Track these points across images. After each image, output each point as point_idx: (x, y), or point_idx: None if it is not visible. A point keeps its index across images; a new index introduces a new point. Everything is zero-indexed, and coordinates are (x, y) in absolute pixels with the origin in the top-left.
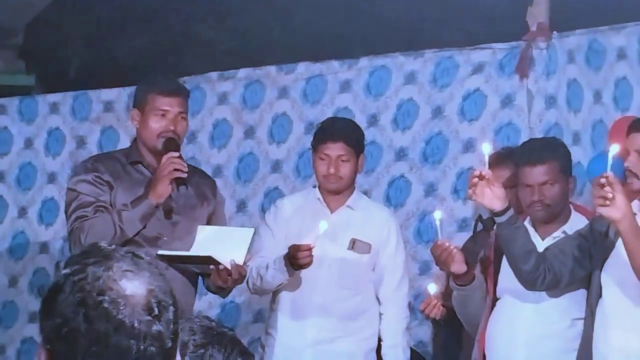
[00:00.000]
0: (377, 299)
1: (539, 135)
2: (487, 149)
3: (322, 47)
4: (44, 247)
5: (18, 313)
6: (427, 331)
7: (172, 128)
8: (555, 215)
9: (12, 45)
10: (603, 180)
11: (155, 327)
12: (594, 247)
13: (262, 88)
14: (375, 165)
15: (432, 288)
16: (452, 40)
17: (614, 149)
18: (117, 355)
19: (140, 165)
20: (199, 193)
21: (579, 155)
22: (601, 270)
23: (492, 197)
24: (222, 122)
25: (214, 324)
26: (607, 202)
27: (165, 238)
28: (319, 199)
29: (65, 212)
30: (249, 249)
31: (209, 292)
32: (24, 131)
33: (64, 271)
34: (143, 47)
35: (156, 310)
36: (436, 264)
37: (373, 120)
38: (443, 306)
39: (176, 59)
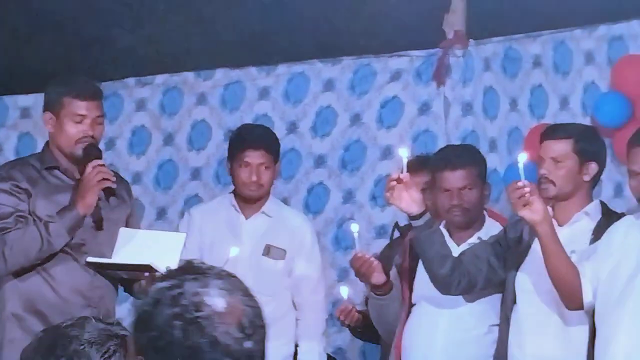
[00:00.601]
0: (294, 304)
1: (456, 142)
2: (404, 153)
3: (240, 54)
4: None
5: None
6: (345, 338)
7: (90, 133)
8: (472, 220)
9: None
10: (521, 183)
11: (247, 346)
12: (507, 252)
13: (180, 94)
14: (294, 172)
15: (344, 291)
16: (369, 47)
17: (523, 158)
18: None
19: (57, 170)
20: (117, 195)
21: (495, 162)
22: (515, 277)
23: (410, 200)
24: (140, 128)
25: (115, 327)
26: (527, 205)
27: (88, 245)
28: (233, 205)
29: None
30: (181, 254)
31: (128, 299)
32: None
33: (160, 285)
34: (59, 52)
35: (249, 329)
36: (356, 276)
37: (292, 127)
38: (359, 312)
39: (93, 64)
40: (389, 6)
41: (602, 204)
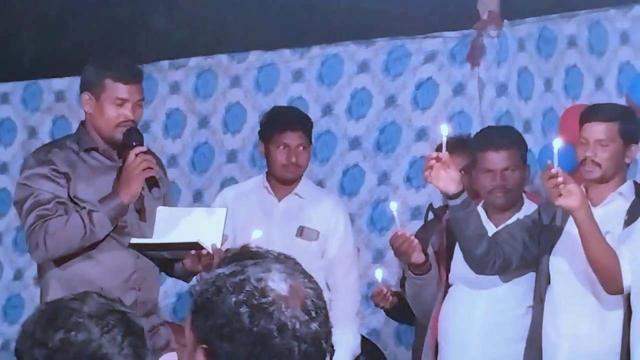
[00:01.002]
0: (327, 285)
1: (491, 123)
2: (445, 130)
3: (274, 36)
4: None
5: None
6: (380, 319)
7: (131, 117)
8: (512, 202)
9: None
10: (554, 171)
11: (313, 327)
12: (542, 233)
13: (214, 77)
14: (330, 154)
15: (379, 273)
16: (403, 29)
17: (558, 143)
18: (280, 356)
19: (95, 152)
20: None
21: (530, 142)
22: (549, 258)
23: (448, 179)
24: (175, 111)
25: (116, 303)
26: (563, 192)
27: (130, 227)
28: (266, 187)
29: (18, 209)
30: (224, 229)
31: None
32: None
33: (219, 271)
34: (92, 36)
35: (313, 310)
36: (395, 255)
37: (327, 109)
38: (396, 294)
39: (127, 47)
40: None
41: (636, 184)
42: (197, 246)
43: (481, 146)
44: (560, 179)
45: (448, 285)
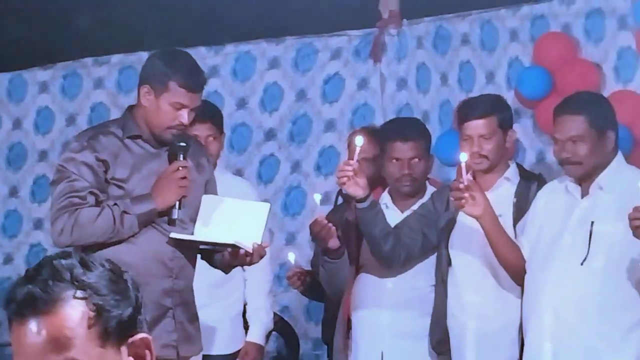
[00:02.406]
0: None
1: (392, 115)
2: (360, 141)
3: (191, 34)
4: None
5: None
6: (291, 297)
7: (186, 123)
8: (418, 189)
9: None
10: (461, 185)
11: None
12: (438, 220)
13: (135, 73)
14: (247, 145)
15: (292, 256)
16: (310, 27)
17: (464, 157)
18: None
19: (139, 139)
20: (197, 164)
21: None
22: (448, 241)
23: (357, 186)
24: (99, 105)
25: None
26: (463, 200)
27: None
28: None
29: (52, 189)
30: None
31: None
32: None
33: None
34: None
35: None
36: (313, 240)
37: (242, 103)
38: (308, 273)
39: (51, 45)
40: None
41: (519, 166)
42: (233, 246)
43: (390, 136)
44: (465, 194)
45: (359, 267)
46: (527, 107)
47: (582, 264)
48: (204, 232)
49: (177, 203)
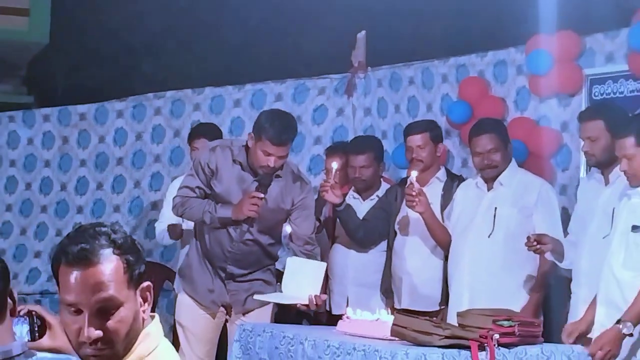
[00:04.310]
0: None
1: (360, 134)
2: (335, 165)
3: (223, 74)
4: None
5: None
6: None
7: (272, 165)
8: (368, 187)
9: (18, 76)
10: (413, 192)
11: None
12: (390, 207)
13: (183, 105)
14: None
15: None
16: (305, 72)
17: (414, 174)
18: None
19: (240, 165)
20: (282, 196)
21: (386, 146)
22: (396, 220)
23: (334, 196)
24: (158, 127)
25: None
26: (415, 202)
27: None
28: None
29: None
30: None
31: None
32: (26, 133)
33: None
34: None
35: None
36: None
37: None
38: None
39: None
40: (322, 46)
41: (447, 169)
42: (294, 305)
43: (350, 150)
44: (416, 199)
45: (334, 238)
46: (455, 129)
47: (489, 236)
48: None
49: (248, 220)
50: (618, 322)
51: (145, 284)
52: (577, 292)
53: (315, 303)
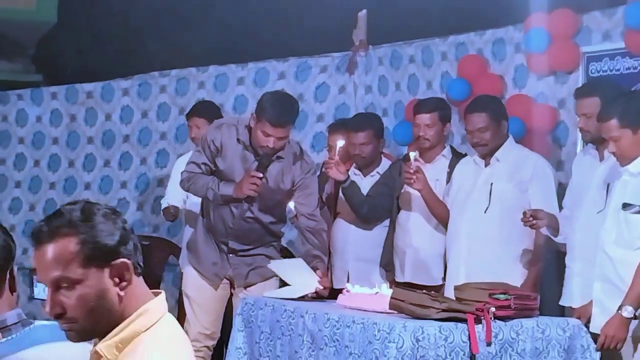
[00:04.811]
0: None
1: (361, 111)
2: (340, 143)
3: (224, 54)
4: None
5: None
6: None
7: (271, 146)
8: (369, 163)
9: (27, 55)
10: (411, 170)
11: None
12: (395, 183)
13: (187, 82)
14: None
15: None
16: (307, 50)
17: (414, 155)
18: None
19: (244, 145)
20: (282, 176)
21: (387, 123)
22: (399, 196)
23: (338, 173)
24: (163, 104)
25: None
26: (412, 180)
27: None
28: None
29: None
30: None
31: None
32: (34, 111)
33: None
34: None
35: None
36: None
37: None
38: None
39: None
40: (324, 24)
41: (452, 147)
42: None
43: (350, 128)
44: (413, 177)
45: (336, 213)
46: (454, 106)
47: (485, 212)
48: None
49: (248, 199)
50: (620, 308)
51: (119, 261)
52: (571, 265)
53: (322, 288)
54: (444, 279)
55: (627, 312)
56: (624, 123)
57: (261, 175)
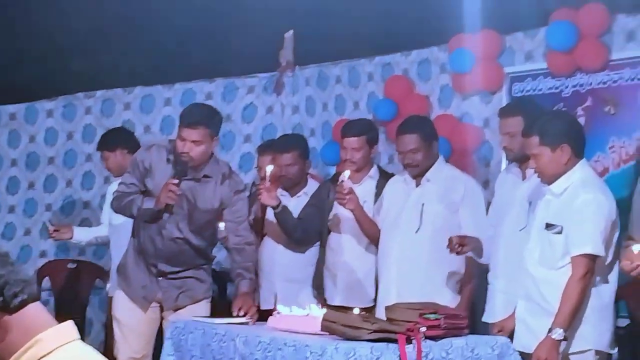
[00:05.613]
0: None
1: (288, 132)
2: (269, 169)
3: (151, 75)
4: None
5: None
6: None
7: (186, 151)
8: (294, 184)
9: None
10: (344, 191)
11: None
12: (324, 203)
13: (113, 103)
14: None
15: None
16: (234, 71)
17: (347, 174)
18: None
19: (172, 164)
20: (207, 199)
21: (314, 143)
22: (329, 217)
23: (270, 198)
24: (89, 126)
25: None
26: (345, 201)
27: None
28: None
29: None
30: None
31: None
32: None
33: None
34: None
35: None
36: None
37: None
38: None
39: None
40: (251, 45)
41: (379, 167)
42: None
43: (275, 149)
44: (347, 197)
45: (263, 234)
46: (381, 126)
47: (416, 232)
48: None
49: (169, 209)
50: (550, 330)
51: None
52: (493, 282)
53: (250, 316)
54: (375, 300)
55: (558, 334)
56: (544, 141)
57: (177, 181)
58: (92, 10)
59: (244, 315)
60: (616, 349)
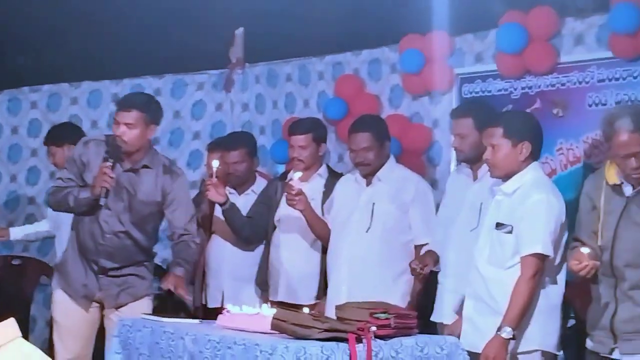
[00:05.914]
0: None
1: (238, 129)
2: (215, 164)
3: (101, 70)
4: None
5: None
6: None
7: (118, 134)
8: (243, 182)
9: None
10: (293, 192)
11: None
12: (271, 200)
13: (59, 98)
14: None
15: None
16: (182, 67)
17: (297, 175)
18: None
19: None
20: (149, 190)
21: (264, 141)
22: (274, 214)
23: (218, 195)
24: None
25: None
26: (295, 201)
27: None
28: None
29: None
30: None
31: None
32: None
33: None
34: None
35: None
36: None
37: None
38: None
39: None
40: (201, 41)
41: (328, 166)
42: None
43: (223, 147)
44: (296, 198)
45: (211, 232)
46: (331, 125)
47: (367, 231)
48: None
49: (104, 193)
50: (499, 329)
51: None
52: (443, 282)
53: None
54: (318, 297)
55: (506, 332)
56: (507, 134)
57: (110, 164)
58: (39, 4)
59: (174, 291)
60: (561, 352)
